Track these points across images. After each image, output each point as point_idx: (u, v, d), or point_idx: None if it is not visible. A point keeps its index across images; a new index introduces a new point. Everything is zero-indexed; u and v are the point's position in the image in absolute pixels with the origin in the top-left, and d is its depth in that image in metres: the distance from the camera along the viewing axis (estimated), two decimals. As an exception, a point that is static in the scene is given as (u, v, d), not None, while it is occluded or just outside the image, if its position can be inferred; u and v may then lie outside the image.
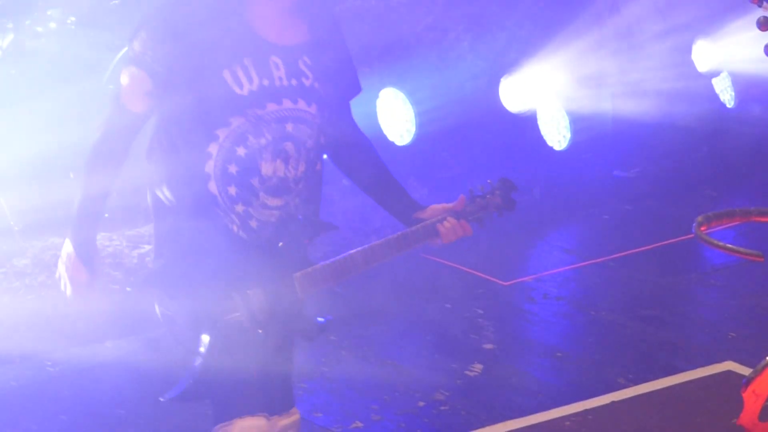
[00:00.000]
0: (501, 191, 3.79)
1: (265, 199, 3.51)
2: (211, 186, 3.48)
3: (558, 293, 6.75)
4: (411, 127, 7.76)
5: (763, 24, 3.59)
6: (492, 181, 3.81)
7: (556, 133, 8.40)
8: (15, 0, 6.63)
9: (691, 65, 9.04)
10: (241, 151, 3.47)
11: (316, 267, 3.58)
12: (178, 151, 3.48)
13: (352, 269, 3.61)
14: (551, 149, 8.35)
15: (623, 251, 7.34)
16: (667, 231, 7.58)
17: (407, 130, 7.78)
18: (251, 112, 3.45)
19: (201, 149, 3.45)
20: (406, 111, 7.76)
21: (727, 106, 9.24)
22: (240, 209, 3.50)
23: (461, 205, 3.75)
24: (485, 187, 3.80)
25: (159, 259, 3.58)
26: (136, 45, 3.41)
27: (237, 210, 3.49)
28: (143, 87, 3.42)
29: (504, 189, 3.80)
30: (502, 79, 8.14)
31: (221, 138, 3.45)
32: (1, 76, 6.55)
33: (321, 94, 3.57)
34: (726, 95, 9.27)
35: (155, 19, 3.42)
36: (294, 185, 3.56)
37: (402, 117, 7.77)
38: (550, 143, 8.37)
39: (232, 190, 3.48)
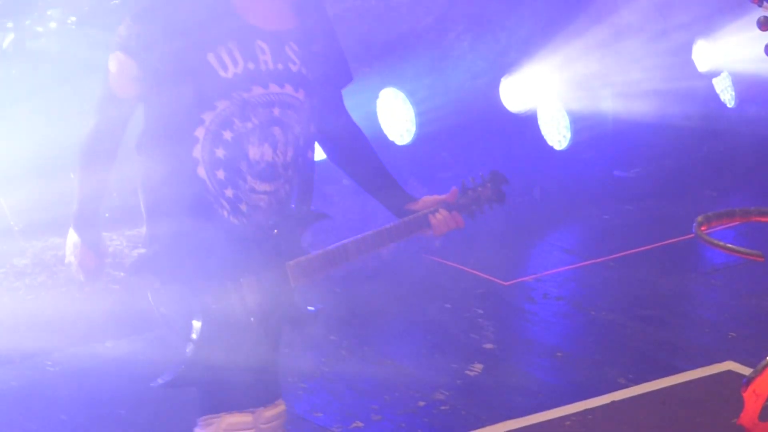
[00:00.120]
0: (492, 184, 3.82)
1: (254, 183, 3.51)
2: (200, 170, 3.48)
3: (558, 293, 6.75)
4: (411, 127, 7.75)
5: (763, 24, 3.59)
6: (483, 174, 3.84)
7: (556, 133, 8.39)
8: (15, 0, 6.63)
9: (691, 65, 9.02)
10: (228, 135, 3.47)
11: (308, 256, 3.60)
12: (166, 137, 3.48)
13: (344, 259, 3.63)
14: (551, 149, 8.34)
15: (623, 251, 7.33)
16: (667, 231, 7.57)
17: (407, 130, 7.77)
18: (236, 95, 3.45)
19: (188, 134, 3.46)
20: (406, 111, 7.75)
21: (728, 106, 9.23)
22: (229, 193, 3.49)
23: (453, 197, 3.77)
24: (476, 180, 3.82)
25: (152, 246, 3.59)
26: (121, 30, 3.43)
27: (227, 194, 3.49)
28: (130, 72, 3.43)
29: (495, 181, 3.83)
30: (502, 79, 8.13)
31: (207, 122, 3.45)
32: (1, 76, 6.55)
33: (309, 80, 3.56)
34: (726, 95, 9.25)
35: (140, 4, 3.44)
36: (283, 171, 3.55)
37: (402, 117, 7.76)
38: (550, 143, 8.36)
39: (220, 174, 3.48)
